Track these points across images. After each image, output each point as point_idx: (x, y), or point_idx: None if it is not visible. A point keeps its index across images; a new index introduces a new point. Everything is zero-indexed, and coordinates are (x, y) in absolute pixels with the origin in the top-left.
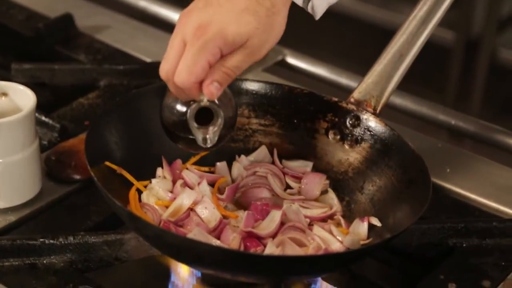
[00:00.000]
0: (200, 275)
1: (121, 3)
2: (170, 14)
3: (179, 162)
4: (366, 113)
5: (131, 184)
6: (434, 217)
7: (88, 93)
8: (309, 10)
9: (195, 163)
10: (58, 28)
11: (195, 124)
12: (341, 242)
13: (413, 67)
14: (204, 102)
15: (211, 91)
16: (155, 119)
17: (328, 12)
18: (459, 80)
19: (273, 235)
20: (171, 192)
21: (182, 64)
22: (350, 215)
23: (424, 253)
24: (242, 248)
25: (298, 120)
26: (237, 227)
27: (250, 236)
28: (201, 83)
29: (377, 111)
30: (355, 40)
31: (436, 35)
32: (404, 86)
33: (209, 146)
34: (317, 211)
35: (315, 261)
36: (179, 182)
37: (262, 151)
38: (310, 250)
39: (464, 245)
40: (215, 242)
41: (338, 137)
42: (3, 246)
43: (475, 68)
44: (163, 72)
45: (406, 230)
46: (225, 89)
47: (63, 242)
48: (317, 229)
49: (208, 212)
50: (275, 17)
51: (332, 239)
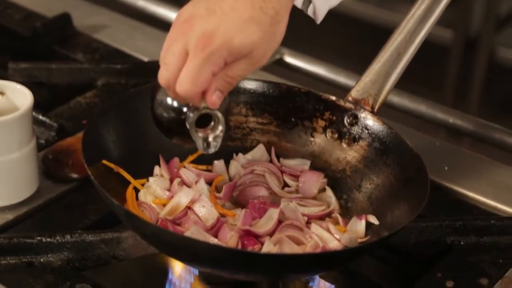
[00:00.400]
0: (197, 273)
1: (118, 2)
2: (167, 13)
3: (176, 160)
4: (364, 111)
5: (129, 183)
6: (432, 215)
7: (86, 92)
8: (310, 13)
9: (192, 162)
10: (56, 27)
11: (196, 131)
12: (338, 240)
13: (411, 66)
14: (205, 109)
15: (214, 101)
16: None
17: None
18: (457, 79)
19: (271, 233)
20: (169, 190)
21: (185, 74)
22: (347, 213)
23: (422, 251)
24: (239, 247)
25: (296, 118)
26: (234, 225)
27: (247, 235)
28: (203, 92)
29: (375, 110)
30: (353, 39)
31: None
32: (402, 85)
33: (211, 152)
34: (314, 209)
35: (312, 259)
36: (177, 181)
37: (260, 149)
38: (308, 248)
39: (462, 243)
40: (213, 240)
41: (336, 135)
42: (0, 244)
43: (473, 67)
44: (163, 79)
45: (404, 228)
46: None
47: (60, 241)
48: (315, 227)
49: (206, 210)
50: (278, 25)
51: (330, 237)
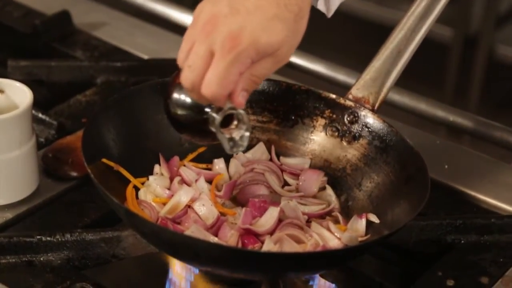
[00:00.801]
0: (197, 272)
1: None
2: (167, 11)
3: (176, 159)
4: (364, 109)
5: (128, 181)
6: (433, 213)
7: (85, 90)
8: (320, 7)
9: (192, 160)
10: (55, 25)
11: (222, 132)
12: (339, 239)
13: (411, 64)
14: (230, 110)
15: (241, 101)
16: (152, 116)
17: None
18: (457, 77)
19: (271, 232)
20: (169, 189)
21: (212, 76)
22: (348, 212)
23: (423, 249)
24: (239, 245)
25: (296, 116)
26: (234, 224)
27: (247, 233)
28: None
29: (375, 108)
30: (353, 37)
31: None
32: (402, 83)
33: (239, 152)
34: (315, 208)
35: (313, 258)
36: (177, 179)
37: (260, 148)
38: (308, 247)
39: (462, 241)
40: (213, 239)
41: (336, 133)
42: (0, 243)
43: (473, 65)
44: (188, 81)
45: (404, 227)
46: None
47: (60, 239)
48: (315, 226)
49: (206, 209)
50: (302, 22)
51: (330, 236)
